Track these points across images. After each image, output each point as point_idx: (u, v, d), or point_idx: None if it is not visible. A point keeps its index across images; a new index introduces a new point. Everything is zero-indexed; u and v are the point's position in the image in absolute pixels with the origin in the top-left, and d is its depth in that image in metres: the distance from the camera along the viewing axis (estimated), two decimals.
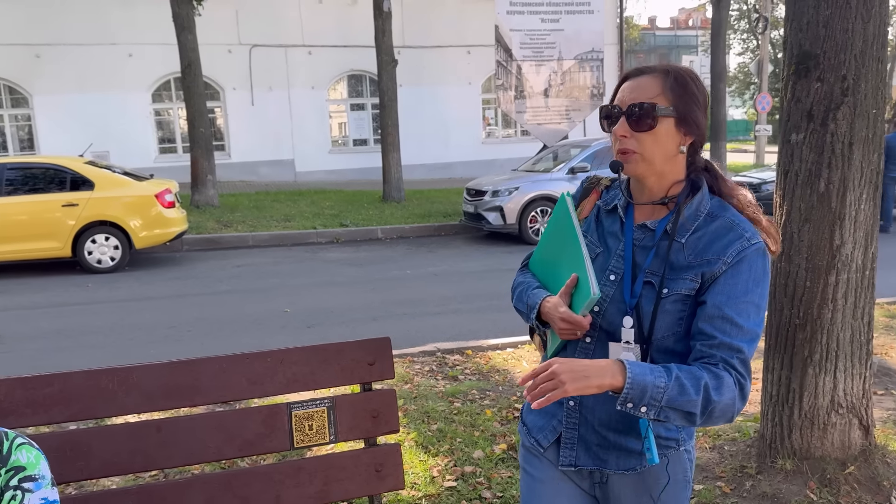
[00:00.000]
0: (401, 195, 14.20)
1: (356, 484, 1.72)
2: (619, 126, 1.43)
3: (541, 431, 1.60)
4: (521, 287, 1.66)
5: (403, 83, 16.34)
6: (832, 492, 2.97)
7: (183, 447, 1.62)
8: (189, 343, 5.86)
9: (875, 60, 2.93)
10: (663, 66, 1.47)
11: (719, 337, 1.35)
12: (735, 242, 1.39)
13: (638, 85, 1.44)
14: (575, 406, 1.53)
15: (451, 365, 4.93)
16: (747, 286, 1.37)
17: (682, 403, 1.30)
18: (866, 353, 3.10)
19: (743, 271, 1.38)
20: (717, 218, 1.43)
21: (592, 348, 1.50)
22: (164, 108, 18.83)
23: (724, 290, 1.37)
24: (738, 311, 1.36)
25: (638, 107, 1.41)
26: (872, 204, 3.03)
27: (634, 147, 1.42)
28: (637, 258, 1.46)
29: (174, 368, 1.63)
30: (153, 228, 9.01)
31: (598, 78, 13.72)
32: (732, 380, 1.34)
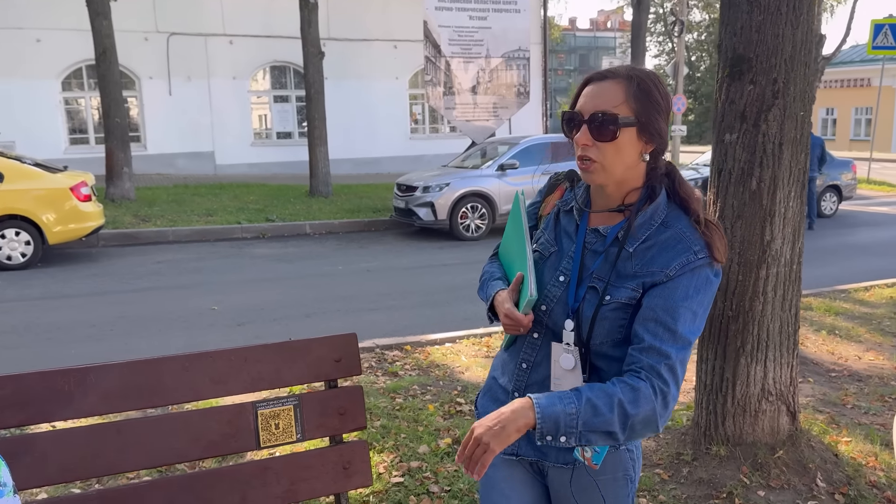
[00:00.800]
0: (328, 190, 14.02)
1: (323, 482, 1.69)
2: (581, 135, 1.41)
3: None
4: (484, 276, 1.69)
5: (329, 76, 16.11)
6: (763, 475, 3.13)
7: (144, 449, 1.55)
8: (112, 342, 5.62)
9: (803, 65, 3.09)
10: (627, 71, 1.43)
11: (647, 340, 1.35)
12: (681, 256, 1.39)
13: (600, 91, 1.41)
14: (519, 396, 1.53)
15: (391, 361, 4.91)
16: (687, 292, 1.38)
17: (598, 424, 1.30)
18: (793, 343, 3.27)
19: (684, 280, 1.38)
20: (669, 228, 1.42)
21: (539, 344, 1.53)
22: (75, 96, 17.93)
23: (661, 294, 1.38)
24: (672, 315, 1.36)
25: (600, 116, 1.38)
26: (800, 201, 3.20)
27: (595, 156, 1.40)
28: (586, 262, 1.47)
29: (133, 368, 1.56)
30: (68, 223, 8.58)
31: (525, 76, 13.93)
32: (651, 390, 1.33)
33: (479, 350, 5.16)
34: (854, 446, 3.52)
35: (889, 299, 6.66)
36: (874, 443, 3.58)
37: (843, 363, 4.93)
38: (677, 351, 1.35)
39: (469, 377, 4.60)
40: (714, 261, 1.40)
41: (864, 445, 3.55)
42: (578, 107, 1.43)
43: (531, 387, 1.53)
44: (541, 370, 1.52)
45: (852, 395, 4.31)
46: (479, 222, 10.79)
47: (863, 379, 4.62)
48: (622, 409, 1.30)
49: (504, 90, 13.65)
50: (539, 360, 1.52)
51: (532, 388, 1.53)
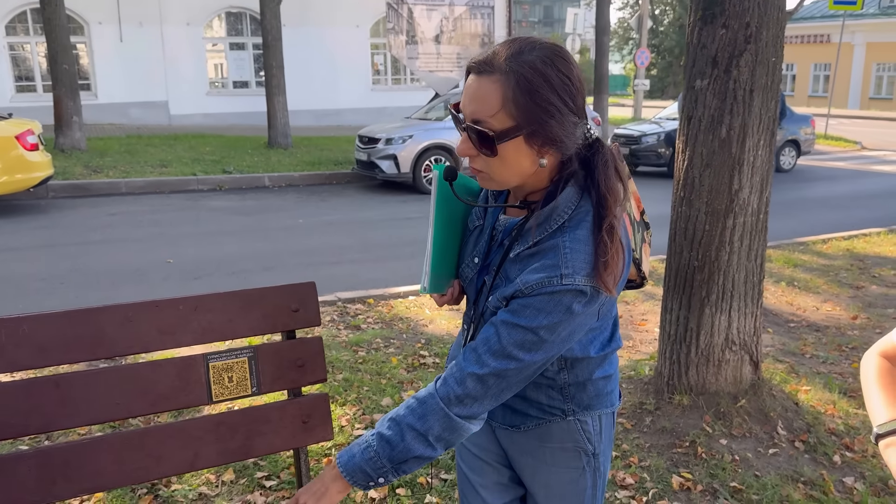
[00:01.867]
0: (287, 141, 13.69)
1: (282, 437, 1.60)
2: (462, 145, 1.21)
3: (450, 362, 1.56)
4: None
5: (287, 23, 15.60)
6: (726, 424, 3.15)
7: (86, 405, 1.44)
8: (63, 296, 5.42)
9: (776, 9, 3.01)
10: (507, 63, 1.15)
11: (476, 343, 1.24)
12: (541, 273, 1.19)
13: (478, 92, 1.17)
14: None
15: (353, 314, 4.82)
16: (536, 316, 1.19)
17: (401, 455, 1.22)
18: (758, 293, 3.27)
19: (539, 301, 1.18)
20: (559, 236, 1.21)
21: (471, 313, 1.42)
22: (20, 41, 17.09)
23: (512, 308, 1.21)
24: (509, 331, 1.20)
25: (474, 129, 1.17)
26: (768, 150, 3.16)
27: (482, 166, 1.22)
28: (492, 250, 1.35)
29: (72, 318, 1.44)
30: (14, 173, 8.20)
31: (489, 26, 13.66)
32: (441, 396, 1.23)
33: None
34: (813, 395, 3.57)
35: (846, 251, 6.77)
36: (832, 391, 3.63)
37: (801, 314, 5.00)
38: (497, 365, 1.20)
39: (433, 330, 4.55)
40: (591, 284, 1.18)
41: (822, 394, 3.60)
42: (461, 105, 1.21)
43: None
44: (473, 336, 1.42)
45: (811, 345, 4.37)
46: None
47: (821, 329, 4.69)
48: (413, 431, 1.22)
49: (468, 40, 13.38)
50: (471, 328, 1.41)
51: None
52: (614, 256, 1.18)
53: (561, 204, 1.22)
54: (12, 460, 1.37)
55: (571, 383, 1.38)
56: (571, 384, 1.38)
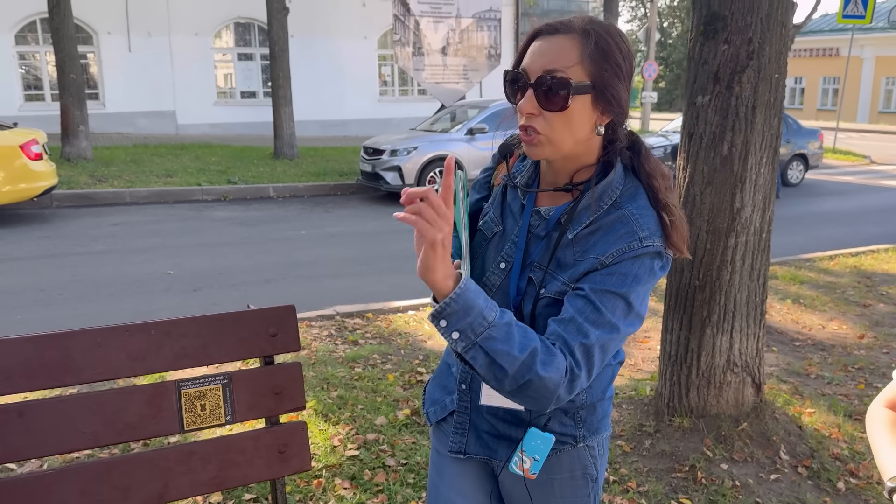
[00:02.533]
0: (293, 152, 13.68)
1: (256, 468, 1.54)
2: (526, 102, 1.18)
3: (433, 405, 1.48)
4: None
5: (295, 34, 15.65)
6: (727, 448, 3.07)
7: (51, 434, 1.39)
8: (60, 307, 5.38)
9: (779, 24, 2.95)
10: (583, 24, 1.18)
11: (570, 312, 1.17)
12: (623, 241, 1.19)
13: (551, 48, 1.17)
14: (466, 390, 1.39)
15: (352, 329, 4.76)
16: (624, 280, 1.18)
17: (498, 352, 1.10)
18: (760, 313, 3.19)
19: (622, 267, 1.18)
20: (619, 209, 1.22)
21: None
22: (30, 51, 17.20)
23: (595, 279, 1.19)
24: (602, 299, 1.17)
25: (549, 80, 1.16)
26: (771, 168, 3.10)
27: (541, 127, 1.19)
28: (530, 248, 1.29)
29: (39, 343, 1.39)
30: (18, 182, 8.20)
31: (496, 38, 13.64)
32: (566, 364, 1.14)
33: None
34: (817, 418, 3.49)
35: (853, 268, 6.68)
36: (837, 414, 3.55)
37: (807, 332, 4.91)
38: (600, 334, 1.16)
39: (432, 346, 4.48)
40: (665, 249, 1.21)
41: (827, 417, 3.51)
42: (524, 65, 1.20)
43: (475, 380, 1.37)
44: None
45: (816, 365, 4.28)
46: None
47: (826, 348, 4.60)
48: (531, 360, 1.11)
49: (474, 52, 13.36)
50: None
51: (476, 381, 1.37)
52: (680, 219, 1.23)
53: (614, 182, 1.23)
54: None
55: (587, 404, 1.34)
56: (586, 406, 1.34)
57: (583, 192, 1.23)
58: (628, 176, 1.26)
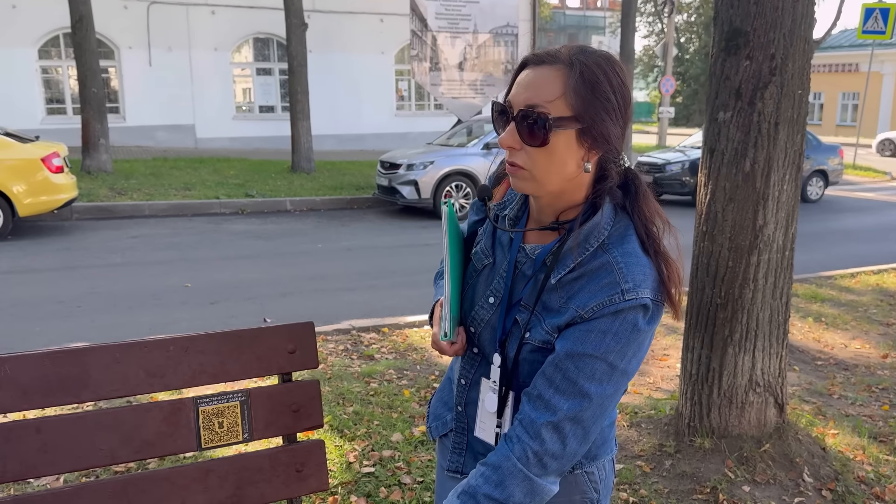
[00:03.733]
0: (311, 166, 13.76)
1: (274, 486, 1.52)
2: (506, 135, 1.14)
3: (436, 420, 1.46)
4: (437, 274, 1.49)
5: (313, 49, 15.79)
6: (749, 470, 3.01)
7: (68, 451, 1.38)
8: (79, 319, 5.41)
9: (802, 40, 2.92)
10: (569, 54, 1.13)
11: (538, 387, 1.14)
12: (603, 293, 1.12)
13: (535, 80, 1.13)
14: (462, 412, 1.37)
15: (367, 344, 4.74)
16: (602, 339, 1.12)
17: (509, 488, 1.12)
18: (783, 332, 3.14)
19: (603, 324, 1.12)
20: (606, 252, 1.15)
21: (478, 362, 1.32)
22: (53, 65, 17.45)
23: (571, 336, 1.13)
24: (577, 363, 1.12)
25: (528, 115, 1.11)
26: (794, 185, 3.05)
27: (523, 162, 1.14)
28: (517, 285, 1.24)
29: (57, 358, 1.38)
30: (39, 195, 8.30)
31: (512, 53, 13.68)
32: (518, 457, 1.13)
33: None
34: (841, 439, 3.42)
35: (875, 286, 6.58)
36: (862, 435, 3.47)
37: (829, 351, 4.83)
38: (572, 406, 1.12)
39: (447, 361, 4.45)
40: (654, 300, 1.14)
41: (851, 438, 3.44)
42: (510, 97, 1.16)
43: (469, 405, 1.35)
44: (474, 391, 1.34)
45: (839, 385, 4.21)
46: (463, 201, 10.61)
47: (849, 368, 4.52)
48: (492, 501, 1.13)
49: (491, 67, 13.40)
50: (476, 379, 1.33)
51: (470, 406, 1.35)
52: (676, 270, 1.17)
53: (601, 223, 1.16)
54: None
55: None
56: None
57: (567, 231, 1.18)
58: (619, 215, 1.19)
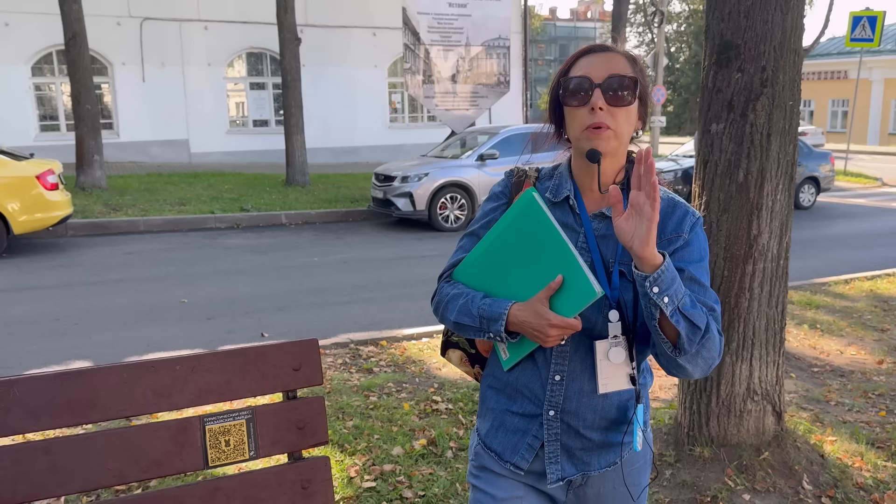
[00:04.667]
0: (305, 179, 13.79)
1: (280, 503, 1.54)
2: (596, 97, 1.34)
3: (515, 453, 1.46)
4: (461, 299, 1.44)
5: (307, 63, 15.85)
6: (749, 478, 3.02)
7: (77, 471, 1.39)
8: (76, 336, 5.41)
9: (792, 52, 2.96)
10: (624, 50, 1.43)
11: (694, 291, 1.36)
12: (686, 217, 1.40)
13: (609, 60, 1.38)
14: (556, 415, 1.42)
15: (366, 357, 4.75)
16: (701, 253, 1.40)
17: (694, 315, 1.29)
18: (780, 340, 3.17)
19: (696, 240, 1.40)
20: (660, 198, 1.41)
21: (570, 351, 1.40)
22: (46, 82, 17.48)
23: (683, 258, 1.38)
24: (699, 272, 1.39)
25: (619, 79, 1.35)
26: (787, 194, 3.09)
27: (610, 122, 1.35)
28: (602, 249, 1.40)
29: (65, 380, 1.40)
30: (34, 212, 8.30)
31: (505, 65, 13.77)
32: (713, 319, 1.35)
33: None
34: (839, 446, 3.44)
35: (869, 292, 6.62)
36: (860, 442, 3.50)
37: (825, 358, 4.86)
38: (715, 303, 1.38)
39: (446, 374, 4.46)
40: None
41: (849, 445, 3.46)
42: (584, 73, 1.37)
43: (569, 399, 1.41)
44: (575, 378, 1.40)
45: (836, 392, 4.23)
46: (458, 213, 10.64)
47: (845, 374, 4.55)
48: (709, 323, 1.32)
49: (484, 79, 13.48)
50: (573, 368, 1.40)
51: (570, 400, 1.41)
52: None
53: None
54: None
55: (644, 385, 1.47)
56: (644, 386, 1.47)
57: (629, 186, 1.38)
58: None
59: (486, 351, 1.61)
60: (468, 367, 1.69)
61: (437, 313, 1.51)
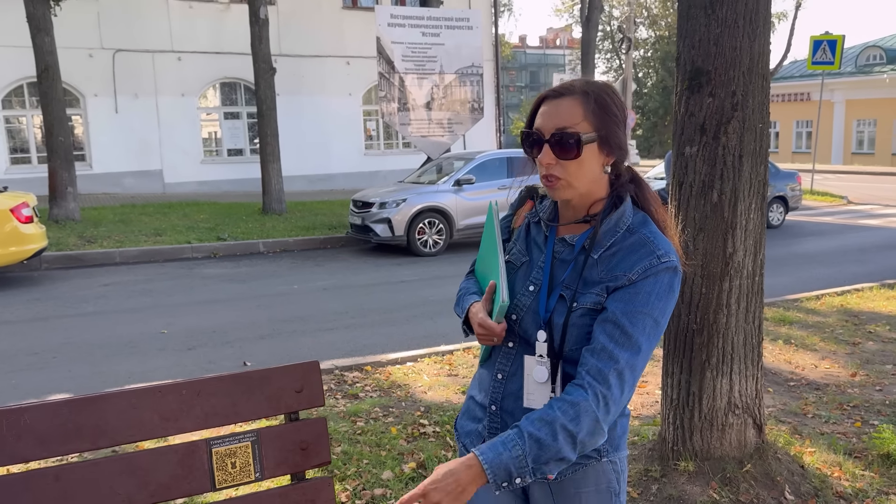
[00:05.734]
0: (282, 207, 13.79)
1: None
2: (544, 154, 1.41)
3: (468, 436, 1.60)
4: (460, 292, 1.68)
5: (281, 92, 15.92)
6: (733, 490, 3.09)
7: (86, 497, 1.41)
8: (55, 370, 5.35)
9: (760, 77, 3.10)
10: (581, 88, 1.43)
11: (601, 341, 1.36)
12: (644, 260, 1.39)
13: (558, 109, 1.42)
14: (496, 411, 1.53)
15: (351, 383, 4.77)
16: (648, 298, 1.37)
17: (547, 457, 1.30)
18: (758, 354, 3.26)
19: (647, 285, 1.38)
20: (634, 234, 1.43)
21: (514, 354, 1.52)
22: (16, 115, 17.33)
23: (623, 298, 1.38)
24: (631, 319, 1.36)
25: (561, 135, 1.39)
26: (760, 213, 3.21)
27: (560, 174, 1.42)
28: (556, 271, 1.48)
29: (74, 406, 1.43)
30: (8, 246, 8.20)
31: (478, 92, 13.97)
32: (594, 397, 1.32)
33: (440, 368, 5.06)
34: (818, 457, 3.53)
35: (839, 307, 6.79)
36: (837, 452, 3.59)
37: (800, 372, 4.98)
38: (629, 356, 1.35)
39: (432, 397, 4.50)
40: (678, 268, 1.42)
41: (827, 455, 3.56)
42: (537, 125, 1.44)
43: (507, 398, 1.52)
44: (516, 380, 1.51)
45: (812, 405, 4.34)
46: (436, 238, 10.72)
47: (821, 387, 4.66)
48: (566, 431, 1.31)
49: (458, 106, 13.66)
50: (514, 370, 1.51)
51: (508, 399, 1.52)
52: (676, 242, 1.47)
53: (626, 211, 1.45)
54: None
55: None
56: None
57: (599, 220, 1.45)
58: (633, 207, 1.49)
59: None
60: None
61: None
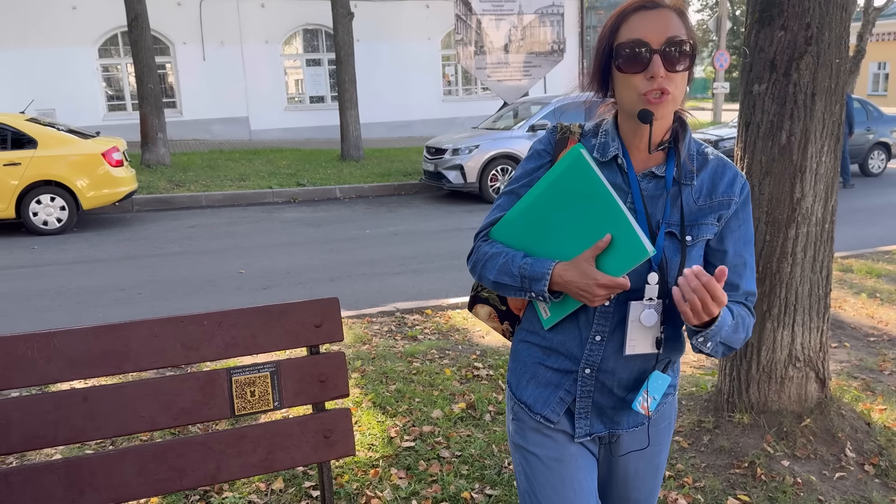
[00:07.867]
0: (359, 154, 13.94)
1: (303, 451, 1.62)
2: (657, 66, 1.29)
3: (546, 405, 1.47)
4: (500, 258, 1.44)
5: (360, 38, 15.94)
6: (788, 444, 2.99)
7: (112, 417, 1.50)
8: (139, 306, 5.67)
9: (839, 8, 2.86)
10: (672, 3, 1.35)
11: (743, 286, 1.42)
12: (737, 179, 1.40)
13: (663, 20, 1.31)
14: (591, 374, 1.43)
15: (411, 325, 4.84)
16: (749, 225, 1.42)
17: (733, 340, 1.37)
18: (824, 306, 3.09)
19: (747, 209, 1.41)
20: (705, 155, 1.42)
21: (611, 311, 1.39)
22: (113, 63, 18.08)
23: (740, 236, 1.41)
24: (750, 252, 1.42)
25: (678, 45, 1.30)
26: (833, 156, 3.00)
27: (669, 87, 1.31)
28: (649, 209, 1.38)
29: (100, 333, 1.50)
30: (101, 188, 8.67)
31: (559, 33, 13.54)
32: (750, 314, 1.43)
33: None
34: (889, 414, 3.35)
35: None
36: None
37: (882, 328, 4.71)
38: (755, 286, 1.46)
39: (489, 341, 4.52)
40: None
41: None
42: (639, 37, 1.30)
43: (607, 360, 1.41)
44: (615, 339, 1.40)
45: (890, 361, 4.11)
46: None
47: None
48: (747, 331, 1.40)
49: (537, 47, 13.30)
50: (612, 329, 1.40)
51: (607, 360, 1.41)
52: None
53: (689, 134, 1.43)
54: (42, 470, 1.44)
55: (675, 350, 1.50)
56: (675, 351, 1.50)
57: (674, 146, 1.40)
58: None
59: (517, 308, 1.57)
60: (496, 322, 1.64)
61: (475, 272, 1.50)
